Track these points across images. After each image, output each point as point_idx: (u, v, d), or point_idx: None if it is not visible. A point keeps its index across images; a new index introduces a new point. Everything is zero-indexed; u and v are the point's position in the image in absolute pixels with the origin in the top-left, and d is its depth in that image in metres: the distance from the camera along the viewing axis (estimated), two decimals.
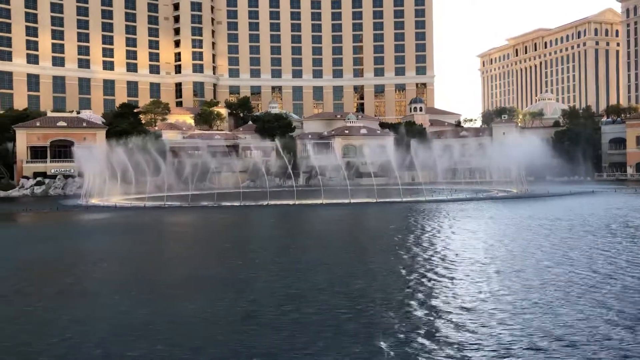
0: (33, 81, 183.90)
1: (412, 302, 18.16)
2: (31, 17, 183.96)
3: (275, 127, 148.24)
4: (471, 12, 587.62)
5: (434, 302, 18.03)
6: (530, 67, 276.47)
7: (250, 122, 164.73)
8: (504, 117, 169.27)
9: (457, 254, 27.42)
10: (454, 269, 23.54)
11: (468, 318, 16.14)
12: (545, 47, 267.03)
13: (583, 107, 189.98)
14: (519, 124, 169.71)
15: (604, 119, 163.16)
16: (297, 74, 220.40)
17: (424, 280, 21.60)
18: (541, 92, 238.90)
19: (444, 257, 26.81)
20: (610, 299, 17.92)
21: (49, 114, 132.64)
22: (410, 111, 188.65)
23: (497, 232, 36.56)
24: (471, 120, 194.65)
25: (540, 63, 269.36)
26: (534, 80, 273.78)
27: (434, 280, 21.54)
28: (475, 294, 19.02)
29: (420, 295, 19.11)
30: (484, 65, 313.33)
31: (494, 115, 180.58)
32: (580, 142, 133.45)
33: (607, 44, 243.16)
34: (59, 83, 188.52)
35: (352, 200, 67.33)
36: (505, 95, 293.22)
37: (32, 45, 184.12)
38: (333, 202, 66.91)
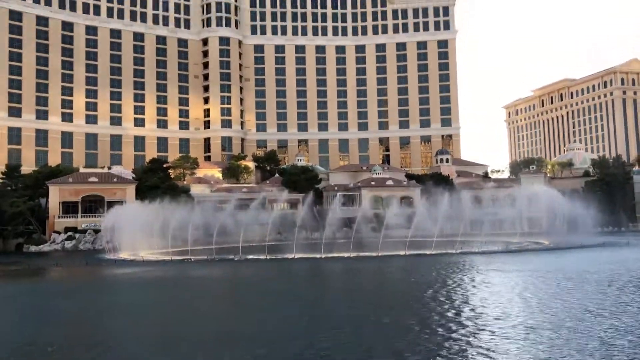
0: (67, 138, 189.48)
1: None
2: (67, 78, 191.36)
3: (301, 179, 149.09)
4: (496, 63, 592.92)
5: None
6: (557, 118, 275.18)
7: (277, 175, 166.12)
8: (532, 167, 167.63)
9: (481, 309, 26.58)
10: (477, 326, 22.75)
11: None
12: (572, 97, 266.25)
13: (613, 156, 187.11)
14: (548, 174, 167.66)
15: (635, 168, 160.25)
16: (322, 127, 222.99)
17: (447, 336, 20.88)
18: (569, 142, 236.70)
19: (465, 312, 26.02)
20: None
21: (81, 169, 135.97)
22: (437, 162, 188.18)
23: (523, 286, 35.50)
24: (498, 171, 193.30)
25: (567, 113, 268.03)
26: (560, 130, 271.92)
27: (459, 337, 20.81)
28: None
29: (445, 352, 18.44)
30: (509, 116, 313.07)
31: (521, 166, 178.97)
32: (612, 192, 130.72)
33: (635, 93, 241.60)
34: (91, 140, 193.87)
35: (380, 253, 66.44)
36: (532, 145, 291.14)
37: (67, 104, 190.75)
38: (361, 255, 66.12)
